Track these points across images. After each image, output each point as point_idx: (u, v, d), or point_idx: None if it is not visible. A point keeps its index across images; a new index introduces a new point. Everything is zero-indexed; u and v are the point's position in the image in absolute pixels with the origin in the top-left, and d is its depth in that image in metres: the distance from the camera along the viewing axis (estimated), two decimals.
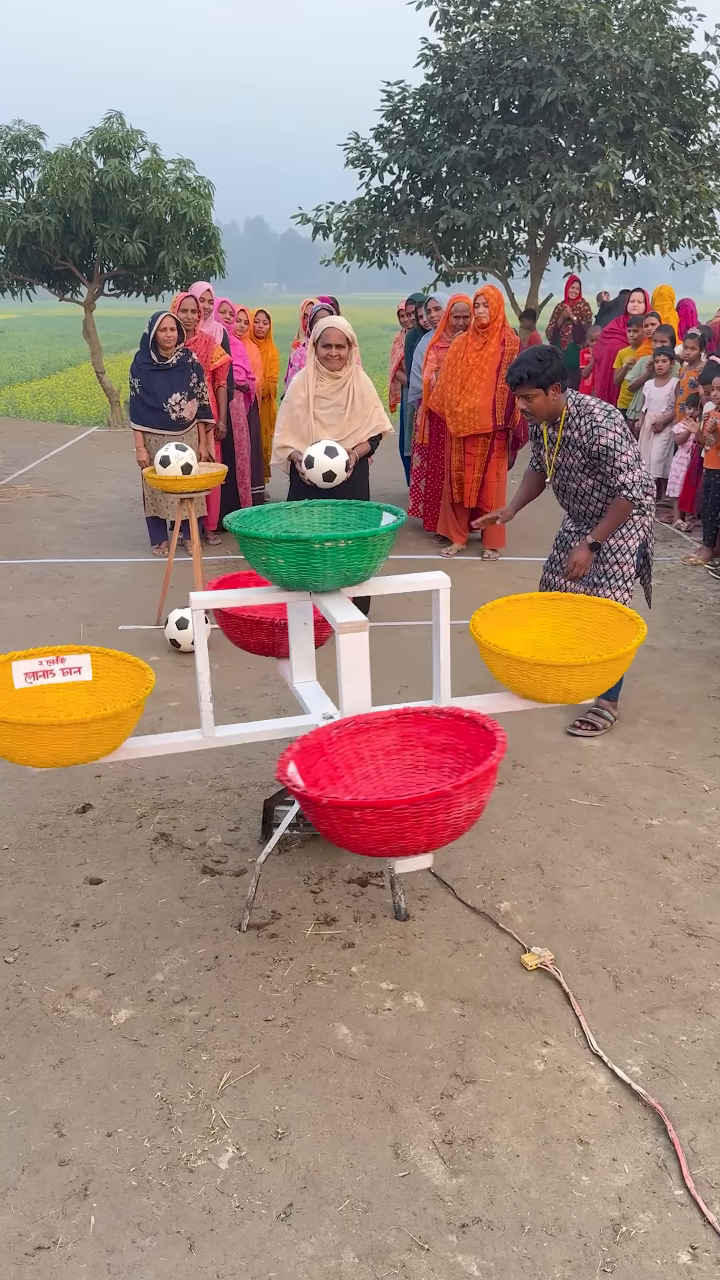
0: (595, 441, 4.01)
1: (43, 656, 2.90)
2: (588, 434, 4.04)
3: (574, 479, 4.21)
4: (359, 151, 12.50)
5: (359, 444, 4.93)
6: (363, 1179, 2.16)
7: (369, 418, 4.94)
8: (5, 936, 2.93)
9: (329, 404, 4.89)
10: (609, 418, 4.04)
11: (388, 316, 30.01)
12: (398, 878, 3.00)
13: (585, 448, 4.06)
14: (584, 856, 3.36)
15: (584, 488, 4.21)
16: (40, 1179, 2.15)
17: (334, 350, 4.78)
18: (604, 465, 4.06)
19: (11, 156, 12.05)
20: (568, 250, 13.20)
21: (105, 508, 8.65)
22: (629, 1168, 2.20)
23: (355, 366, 4.91)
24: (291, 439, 4.92)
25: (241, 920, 2.96)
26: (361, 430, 4.94)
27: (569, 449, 4.14)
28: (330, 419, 4.91)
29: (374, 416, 4.96)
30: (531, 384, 4.00)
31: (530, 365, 3.98)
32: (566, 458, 4.17)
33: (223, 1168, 2.19)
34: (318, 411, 4.90)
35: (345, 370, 4.88)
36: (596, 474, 4.13)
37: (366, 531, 2.84)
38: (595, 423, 4.02)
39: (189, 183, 12.48)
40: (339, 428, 4.89)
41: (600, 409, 4.05)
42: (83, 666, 2.93)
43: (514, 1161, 2.21)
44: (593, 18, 10.83)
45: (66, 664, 2.91)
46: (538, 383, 4.00)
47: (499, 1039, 2.56)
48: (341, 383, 4.88)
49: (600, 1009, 2.67)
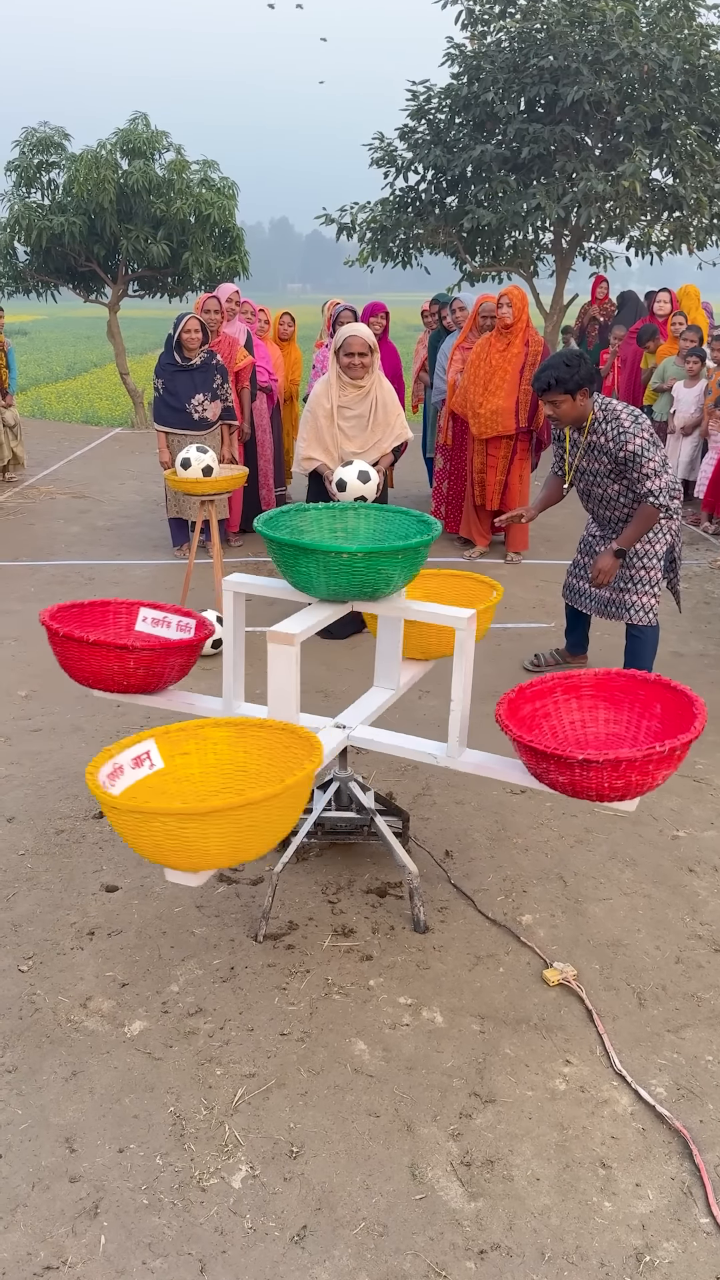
0: (622, 448, 3.95)
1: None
2: (614, 439, 3.97)
3: (599, 484, 4.15)
4: (384, 151, 12.45)
5: (383, 455, 4.90)
6: (378, 1201, 2.11)
7: (391, 426, 4.94)
8: (20, 945, 2.90)
9: (352, 415, 4.86)
10: (636, 423, 3.97)
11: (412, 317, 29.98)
12: (417, 889, 2.95)
13: (612, 453, 4.00)
14: (608, 868, 3.30)
15: (609, 493, 4.15)
16: (50, 1196, 2.12)
17: (356, 359, 4.74)
18: (630, 471, 4.00)
19: (37, 158, 12.09)
20: (593, 250, 13.09)
21: (128, 509, 8.65)
22: (653, 1194, 2.14)
23: (377, 374, 4.87)
24: (317, 451, 4.91)
25: (258, 931, 2.91)
26: (385, 440, 4.94)
27: (594, 454, 4.08)
28: (354, 431, 4.88)
29: (396, 425, 4.95)
30: (559, 390, 3.95)
31: (558, 371, 3.92)
32: (591, 463, 4.11)
33: (236, 1187, 2.14)
34: (341, 423, 4.88)
35: (368, 379, 4.84)
36: (622, 479, 4.07)
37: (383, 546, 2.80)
38: (622, 428, 3.95)
39: (213, 183, 12.47)
40: (362, 439, 4.87)
41: (628, 414, 3.98)
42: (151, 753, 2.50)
43: (534, 1185, 2.15)
44: (620, 15, 10.72)
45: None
46: (565, 388, 3.94)
47: (519, 1057, 2.50)
48: (364, 392, 4.84)
49: (624, 1027, 2.61)
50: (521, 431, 6.57)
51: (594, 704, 2.75)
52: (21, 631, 5.51)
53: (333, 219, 12.66)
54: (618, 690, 2.75)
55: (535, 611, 5.88)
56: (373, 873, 3.24)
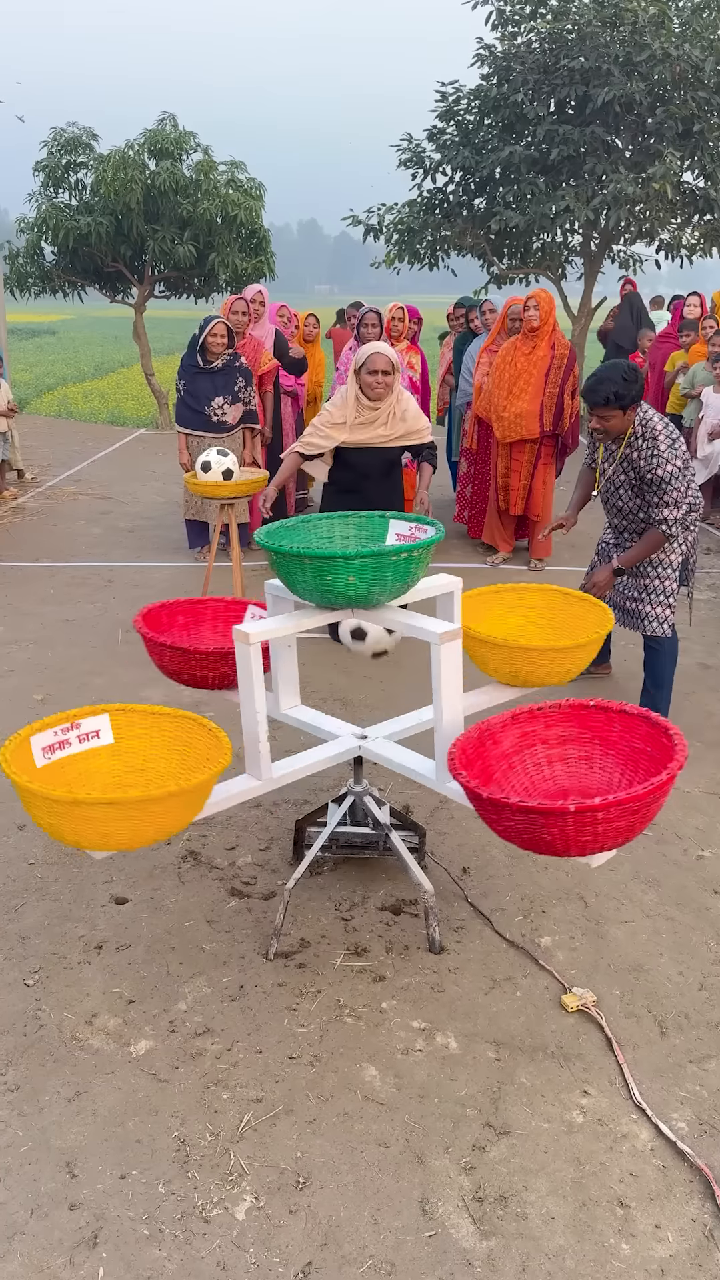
0: (653, 470, 3.88)
1: (61, 725, 2.55)
2: (646, 459, 3.90)
3: (620, 496, 4.08)
4: (412, 153, 12.38)
5: (423, 468, 4.86)
6: (387, 1237, 2.04)
7: (408, 424, 4.74)
8: (27, 958, 2.85)
9: (366, 433, 4.71)
10: (672, 448, 3.89)
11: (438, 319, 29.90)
12: (433, 908, 2.87)
13: (640, 471, 3.93)
14: (630, 889, 3.20)
15: (628, 506, 4.08)
16: (49, 1224, 2.06)
17: (380, 377, 4.50)
18: (652, 495, 3.92)
19: (65, 159, 12.11)
20: (623, 253, 12.96)
21: (149, 510, 8.62)
22: (673, 1236, 2.05)
23: (396, 391, 4.67)
24: (311, 450, 4.75)
25: (269, 948, 2.84)
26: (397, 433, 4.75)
27: (624, 466, 4.01)
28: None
29: (412, 423, 4.74)
30: (616, 405, 3.85)
31: (617, 386, 3.81)
32: (618, 473, 4.04)
33: (239, 1219, 2.07)
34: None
35: (388, 399, 4.63)
36: (641, 497, 3.99)
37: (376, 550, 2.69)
38: (657, 450, 3.88)
39: (240, 184, 12.44)
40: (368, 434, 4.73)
41: (665, 436, 3.89)
42: (101, 730, 2.62)
43: (549, 1225, 2.07)
44: (652, 16, 10.60)
45: (83, 729, 2.58)
46: (622, 404, 3.86)
47: (535, 1087, 2.42)
48: (379, 415, 4.65)
49: (644, 1056, 2.52)
50: (546, 436, 6.48)
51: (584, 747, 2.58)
52: (40, 634, 5.47)
53: (360, 220, 12.60)
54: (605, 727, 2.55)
55: None
56: (388, 889, 3.17)
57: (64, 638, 5.42)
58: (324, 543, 3.07)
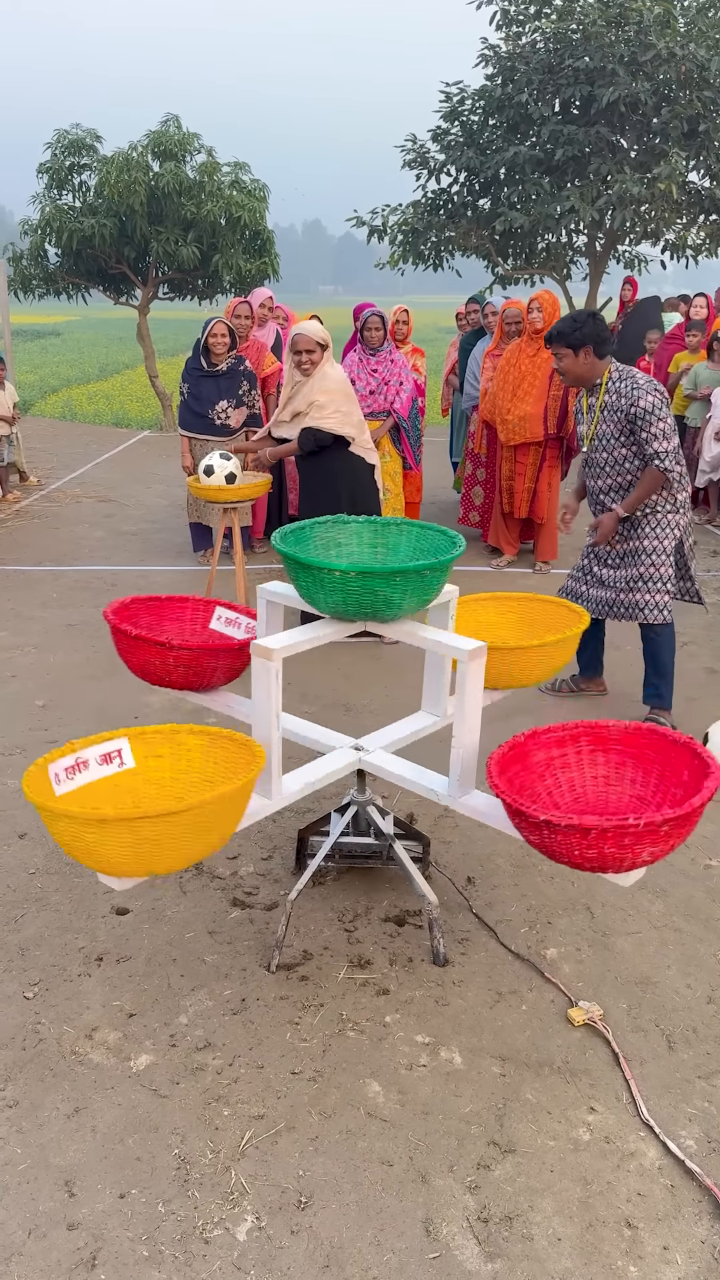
0: (634, 404, 3.98)
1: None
2: (627, 396, 4.01)
3: (607, 447, 4.13)
4: (416, 153, 12.34)
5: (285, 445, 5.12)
6: (390, 1259, 2.00)
7: (309, 416, 5.01)
8: (26, 969, 2.82)
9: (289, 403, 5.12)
10: (650, 383, 4.03)
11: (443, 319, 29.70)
12: (437, 919, 2.84)
13: (624, 410, 4.02)
14: (637, 899, 3.16)
15: (616, 456, 4.12)
16: (47, 1245, 2.02)
17: (303, 355, 4.95)
18: (640, 431, 3.97)
19: (69, 160, 12.07)
20: (628, 253, 12.91)
21: (153, 513, 8.59)
22: (681, 1258, 2.01)
23: (322, 368, 4.98)
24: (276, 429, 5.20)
25: (271, 960, 2.81)
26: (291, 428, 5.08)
27: (607, 415, 4.08)
28: (286, 415, 5.15)
29: (312, 412, 4.99)
30: (560, 342, 4.04)
31: (562, 324, 4.04)
32: (603, 424, 4.10)
33: (240, 1239, 2.04)
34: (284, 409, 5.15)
35: (315, 374, 4.99)
36: (632, 443, 4.03)
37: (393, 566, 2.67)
38: (636, 384, 4.00)
39: (244, 185, 12.41)
40: (289, 428, 5.12)
41: (644, 377, 4.04)
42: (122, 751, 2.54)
43: (555, 1246, 2.03)
44: (657, 15, 10.55)
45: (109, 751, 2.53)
46: (567, 342, 4.02)
47: (541, 1103, 2.38)
48: (305, 385, 5.01)
49: (652, 1072, 2.48)
50: (550, 438, 6.44)
51: (620, 760, 2.58)
52: (42, 639, 5.44)
53: (364, 221, 12.57)
54: (645, 748, 2.55)
55: None
56: (391, 899, 3.13)
57: (66, 643, 5.39)
58: (327, 551, 3.04)
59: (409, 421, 6.24)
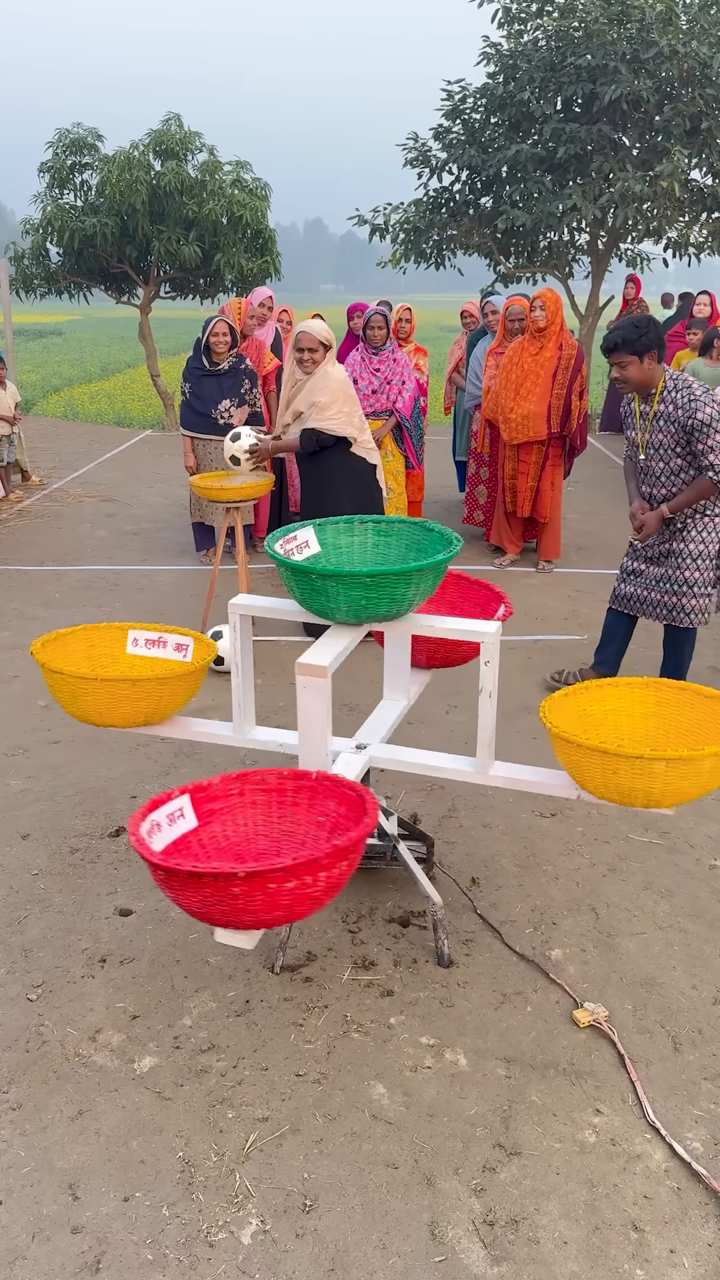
0: (692, 415, 3.93)
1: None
2: (684, 407, 3.96)
3: (663, 457, 4.10)
4: (418, 152, 12.31)
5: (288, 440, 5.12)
6: (395, 1263, 1.99)
7: (311, 417, 5.01)
8: (30, 971, 2.81)
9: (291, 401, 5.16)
10: (708, 393, 3.98)
11: (445, 318, 29.64)
12: (441, 920, 2.83)
13: (681, 422, 3.98)
14: (642, 900, 3.15)
15: (672, 466, 4.09)
16: (51, 1248, 2.02)
17: (305, 354, 4.95)
18: (697, 443, 3.95)
19: (70, 159, 12.06)
20: (630, 251, 12.87)
21: (155, 513, 8.58)
22: (688, 1261, 2.00)
23: (323, 368, 5.00)
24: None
25: (275, 961, 2.80)
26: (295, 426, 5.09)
27: (661, 424, 4.04)
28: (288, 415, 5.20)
29: (313, 414, 4.98)
30: (625, 350, 3.94)
31: (625, 331, 3.93)
32: (658, 434, 4.06)
33: (245, 1243, 2.03)
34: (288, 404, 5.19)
35: (316, 374, 5.00)
36: (688, 453, 4.01)
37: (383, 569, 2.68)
38: (693, 395, 3.96)
39: (245, 184, 12.39)
40: (291, 428, 5.16)
41: (700, 385, 4.00)
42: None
43: (561, 1250, 2.02)
44: (660, 13, 10.51)
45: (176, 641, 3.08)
46: (633, 349, 3.94)
47: (547, 1105, 2.37)
48: (306, 384, 5.03)
49: (658, 1073, 2.47)
50: (554, 437, 6.42)
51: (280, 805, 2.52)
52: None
53: (365, 220, 12.54)
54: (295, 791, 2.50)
55: (567, 623, 5.73)
56: (395, 900, 3.12)
57: None
58: (335, 557, 3.05)
59: (411, 421, 6.23)
